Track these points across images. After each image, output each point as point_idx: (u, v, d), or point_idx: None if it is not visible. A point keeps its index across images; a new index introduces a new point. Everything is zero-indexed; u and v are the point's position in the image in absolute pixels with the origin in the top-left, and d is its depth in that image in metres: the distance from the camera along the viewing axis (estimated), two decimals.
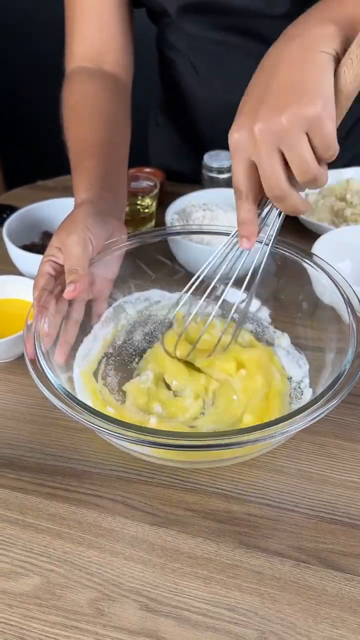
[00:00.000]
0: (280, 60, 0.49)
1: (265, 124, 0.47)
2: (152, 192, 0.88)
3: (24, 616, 0.48)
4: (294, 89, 0.46)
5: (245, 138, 0.49)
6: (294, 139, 0.46)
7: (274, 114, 0.47)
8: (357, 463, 0.59)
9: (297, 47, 0.48)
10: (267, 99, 0.48)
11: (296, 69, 0.47)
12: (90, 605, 0.49)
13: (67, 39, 0.84)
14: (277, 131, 0.47)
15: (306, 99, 0.45)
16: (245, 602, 0.49)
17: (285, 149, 0.47)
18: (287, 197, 0.50)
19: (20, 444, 0.61)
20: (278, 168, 0.48)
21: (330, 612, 0.48)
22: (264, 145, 0.48)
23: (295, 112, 0.46)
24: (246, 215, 0.53)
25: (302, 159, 0.47)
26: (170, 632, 0.47)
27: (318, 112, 0.45)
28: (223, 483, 0.57)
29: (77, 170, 0.71)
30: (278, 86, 0.48)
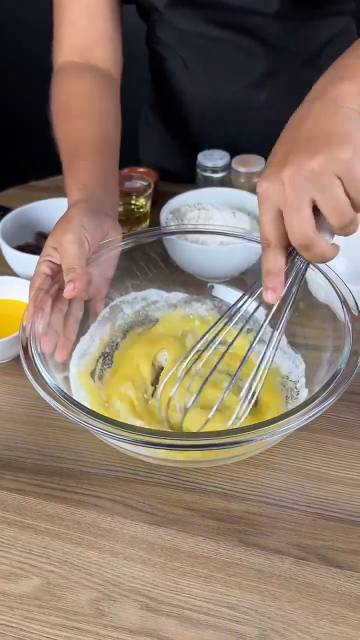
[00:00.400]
0: (306, 116, 0.49)
1: (295, 168, 0.46)
2: (146, 191, 0.88)
3: (24, 617, 0.48)
4: (324, 136, 0.46)
5: (275, 186, 0.48)
6: (327, 182, 0.46)
7: (304, 159, 0.46)
8: (355, 460, 0.59)
9: (322, 103, 0.49)
10: (296, 147, 0.48)
11: (324, 121, 0.48)
12: (91, 605, 0.49)
13: (55, 33, 0.83)
14: (308, 176, 0.46)
15: (337, 145, 0.46)
16: (245, 600, 0.49)
17: (318, 193, 0.46)
18: (315, 244, 0.48)
19: (18, 445, 0.61)
20: (306, 214, 0.47)
21: (330, 609, 0.48)
22: (294, 190, 0.47)
23: (327, 156, 0.45)
24: (274, 265, 0.51)
25: (337, 202, 0.46)
26: (172, 631, 0.47)
27: (349, 156, 0.45)
28: (221, 482, 0.57)
29: (69, 169, 0.71)
30: (307, 136, 0.48)
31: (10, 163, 1.83)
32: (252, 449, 0.53)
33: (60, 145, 0.74)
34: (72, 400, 0.49)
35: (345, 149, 0.45)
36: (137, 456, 0.55)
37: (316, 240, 0.48)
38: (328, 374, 0.52)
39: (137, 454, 0.54)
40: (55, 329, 0.58)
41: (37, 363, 0.52)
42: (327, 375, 0.51)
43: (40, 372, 0.52)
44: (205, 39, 0.88)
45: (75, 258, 0.58)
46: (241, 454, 0.54)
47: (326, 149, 0.45)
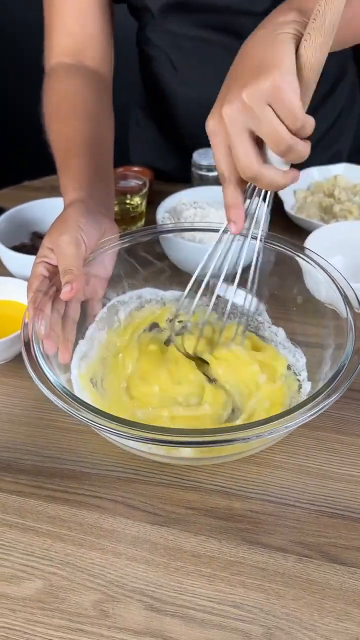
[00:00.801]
0: (246, 48, 0.51)
1: (230, 105, 0.48)
2: (141, 191, 0.88)
3: (27, 620, 0.48)
4: (256, 68, 0.48)
5: (217, 123, 0.50)
6: (257, 111, 0.47)
7: (236, 94, 0.48)
8: (357, 457, 0.59)
9: (262, 34, 0.50)
10: (232, 84, 0.50)
11: (259, 51, 0.49)
12: (94, 607, 0.48)
13: (46, 34, 0.82)
14: (241, 108, 0.48)
15: (264, 72, 0.47)
16: (250, 599, 0.49)
17: (252, 124, 0.48)
18: (262, 175, 0.50)
19: (17, 447, 0.61)
20: (247, 146, 0.49)
21: (334, 606, 0.48)
22: (231, 126, 0.49)
23: (254, 86, 0.47)
24: (232, 199, 0.54)
25: (270, 128, 0.47)
26: (177, 631, 0.47)
27: (275, 81, 0.46)
28: (223, 480, 0.57)
29: (64, 169, 0.70)
30: (242, 70, 0.49)
31: (3, 163, 1.82)
32: (256, 445, 0.53)
33: (53, 146, 0.74)
34: (79, 400, 0.49)
35: (270, 75, 0.46)
36: (141, 454, 0.55)
37: (262, 170, 0.50)
38: (330, 371, 0.52)
39: (143, 452, 0.54)
40: (55, 330, 0.57)
41: (42, 364, 0.52)
42: (329, 372, 0.51)
43: (45, 372, 0.51)
44: (195, 42, 0.88)
45: (72, 259, 0.58)
46: (245, 451, 0.54)
47: (254, 79, 0.47)
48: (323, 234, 0.77)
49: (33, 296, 0.58)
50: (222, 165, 0.53)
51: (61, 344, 0.57)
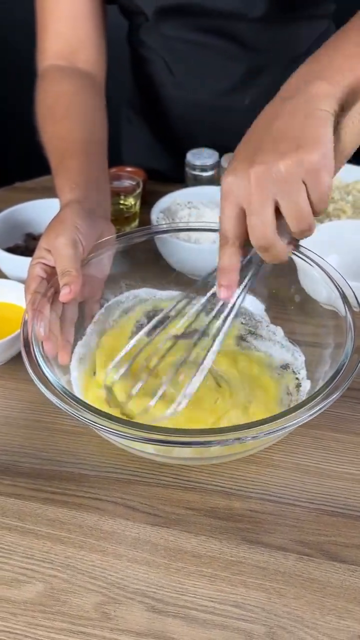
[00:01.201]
0: (278, 114, 0.48)
1: (263, 168, 0.45)
2: (135, 191, 0.87)
3: (28, 624, 0.48)
4: (294, 139, 0.45)
5: (240, 182, 0.47)
6: (292, 186, 0.45)
7: (273, 159, 0.45)
8: (354, 455, 0.59)
9: (295, 104, 0.47)
10: (265, 146, 0.46)
11: (296, 122, 0.46)
12: (96, 609, 0.48)
13: (38, 36, 0.82)
14: (276, 178, 0.45)
15: (307, 148, 0.45)
16: (251, 598, 0.49)
17: (282, 196, 0.46)
18: (273, 247, 0.48)
19: (15, 450, 0.60)
20: (269, 217, 0.46)
21: (336, 604, 0.48)
22: (259, 191, 0.46)
23: (296, 160, 0.44)
24: (229, 262, 0.51)
25: (299, 207, 0.46)
26: (179, 632, 0.47)
27: (318, 161, 0.44)
28: (222, 480, 0.57)
29: (59, 170, 0.70)
30: (277, 135, 0.47)
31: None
32: (257, 445, 0.53)
33: (48, 148, 0.74)
34: (80, 401, 0.49)
35: (313, 154, 0.44)
36: (142, 455, 0.55)
37: (276, 243, 0.48)
38: (330, 370, 0.52)
39: (143, 452, 0.54)
40: (54, 332, 0.57)
41: (42, 365, 0.51)
42: (329, 371, 0.51)
43: (45, 373, 0.51)
44: (190, 45, 0.88)
45: (69, 261, 0.58)
46: (245, 451, 0.54)
47: (295, 153, 0.45)
48: (317, 233, 0.76)
49: (31, 298, 0.58)
50: (228, 226, 0.49)
51: (60, 346, 0.57)
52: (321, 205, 0.46)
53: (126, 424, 0.48)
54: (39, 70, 0.82)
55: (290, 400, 0.59)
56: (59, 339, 0.57)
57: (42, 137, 0.75)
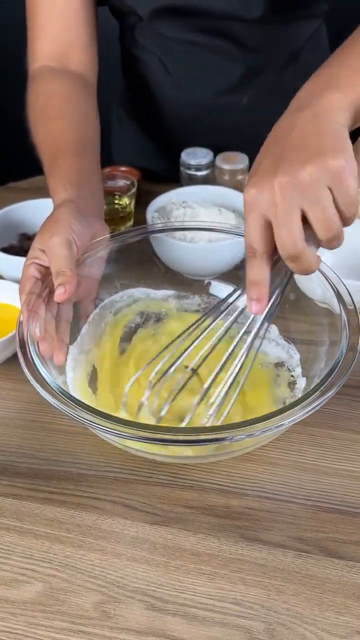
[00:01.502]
0: (295, 125, 0.48)
1: (287, 178, 0.45)
2: (129, 191, 0.87)
3: (28, 624, 0.48)
4: (315, 147, 0.46)
5: (264, 194, 0.46)
6: (318, 193, 0.45)
7: (296, 168, 0.45)
8: (349, 452, 0.60)
9: (311, 116, 0.48)
10: (287, 156, 0.46)
11: (312, 133, 0.47)
12: (96, 608, 0.48)
13: (29, 39, 0.82)
14: (300, 186, 0.45)
15: (329, 155, 0.45)
16: (250, 595, 0.49)
17: (308, 204, 0.45)
18: (303, 256, 0.47)
19: (12, 450, 0.60)
20: (296, 226, 0.46)
21: (334, 600, 0.48)
22: (285, 201, 0.46)
23: (319, 166, 0.44)
24: (259, 276, 0.50)
25: (326, 214, 0.45)
26: (179, 629, 0.47)
27: (342, 165, 0.44)
28: (220, 478, 0.57)
29: (52, 170, 0.70)
30: (297, 144, 0.47)
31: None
32: (255, 442, 0.53)
33: (40, 148, 0.74)
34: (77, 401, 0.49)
35: (337, 159, 0.44)
36: (139, 454, 0.55)
37: (305, 252, 0.47)
38: (325, 368, 0.52)
39: (140, 451, 0.54)
40: (50, 332, 0.57)
41: (38, 366, 0.51)
42: (324, 369, 0.52)
43: (42, 374, 0.51)
44: (187, 45, 0.88)
45: (64, 261, 0.58)
46: (242, 448, 0.54)
47: (318, 159, 0.45)
48: None
49: (26, 298, 0.57)
50: (255, 238, 0.48)
51: (56, 346, 0.57)
52: (350, 210, 0.46)
53: (123, 424, 0.48)
54: (29, 71, 0.82)
55: (285, 398, 0.60)
56: (54, 339, 0.57)
57: (34, 137, 0.75)
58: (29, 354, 0.53)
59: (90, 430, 0.61)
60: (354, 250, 0.79)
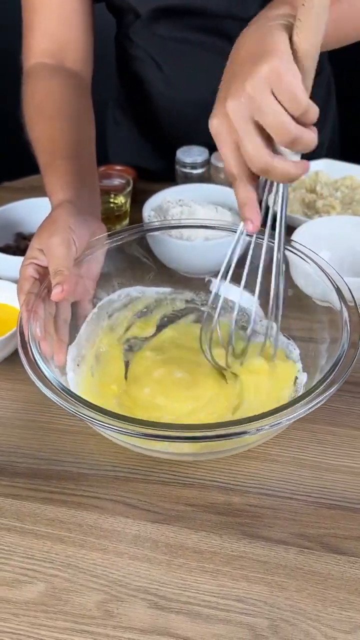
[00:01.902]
0: (240, 44, 0.50)
1: (233, 99, 0.47)
2: (125, 189, 0.87)
3: (31, 624, 0.47)
4: (253, 58, 0.46)
5: (221, 121, 0.49)
6: (260, 100, 0.46)
7: (239, 87, 0.47)
8: (349, 448, 0.60)
9: (255, 28, 0.49)
10: (232, 78, 0.49)
11: (254, 44, 0.48)
12: (99, 607, 0.48)
13: (25, 34, 0.81)
14: (245, 101, 0.46)
15: (263, 59, 0.45)
16: (254, 592, 0.49)
17: (256, 115, 0.46)
18: (273, 166, 0.48)
19: (11, 450, 0.60)
20: (254, 138, 0.47)
21: (337, 595, 0.49)
22: (236, 119, 0.47)
23: (255, 73, 0.45)
24: (244, 196, 0.51)
25: (275, 118, 0.46)
26: (183, 627, 0.47)
27: (274, 65, 0.45)
28: (220, 476, 0.57)
29: (49, 170, 0.70)
30: (240, 64, 0.48)
31: None
32: (256, 439, 0.53)
33: (36, 146, 0.73)
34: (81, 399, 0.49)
35: (269, 60, 0.45)
36: (141, 451, 0.55)
37: (274, 161, 0.48)
38: (327, 364, 0.52)
39: (142, 448, 0.54)
40: (50, 332, 0.57)
41: (41, 365, 0.51)
42: (326, 366, 0.52)
43: (45, 374, 0.51)
44: (183, 44, 0.88)
45: (62, 260, 0.57)
46: (245, 445, 0.54)
47: (254, 68, 0.46)
48: (307, 230, 0.77)
49: (26, 298, 0.57)
50: (230, 162, 0.50)
51: (56, 346, 0.57)
52: (299, 108, 0.46)
53: (128, 421, 0.47)
54: (24, 68, 0.81)
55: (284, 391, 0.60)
56: (54, 339, 0.57)
57: (30, 135, 0.74)
58: (30, 354, 0.52)
59: (90, 430, 0.61)
60: (351, 248, 0.79)
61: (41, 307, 0.57)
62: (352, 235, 0.80)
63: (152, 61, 0.92)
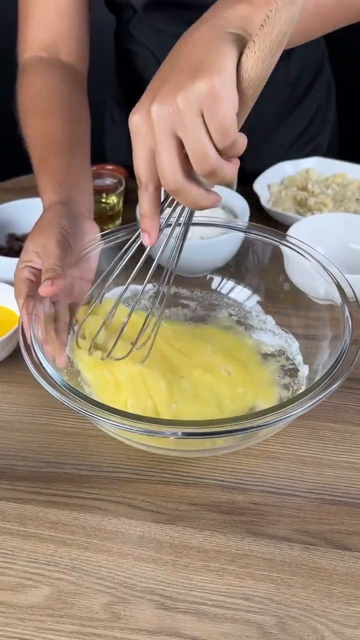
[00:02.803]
0: (187, 41, 0.45)
1: (161, 105, 0.42)
2: (117, 189, 0.87)
3: (37, 628, 0.47)
4: (194, 66, 0.42)
5: (143, 121, 0.44)
6: (188, 119, 0.41)
7: (170, 93, 0.42)
8: (350, 443, 0.60)
9: (206, 28, 0.44)
10: (168, 78, 0.43)
11: (201, 47, 0.43)
12: (105, 610, 0.48)
13: (20, 29, 0.80)
14: (172, 112, 0.42)
15: (203, 74, 0.41)
16: (260, 590, 0.49)
17: (180, 132, 0.42)
18: (184, 189, 0.44)
19: (11, 453, 0.59)
20: (172, 155, 0.43)
21: (343, 591, 0.49)
22: (158, 129, 0.43)
23: (191, 89, 0.41)
24: (146, 207, 0.48)
25: (197, 143, 0.42)
26: (190, 627, 0.47)
27: (212, 87, 0.40)
28: (223, 474, 0.57)
29: (42, 168, 0.69)
30: (181, 65, 0.43)
31: None
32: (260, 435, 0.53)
33: (30, 143, 0.72)
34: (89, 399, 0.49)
35: (209, 79, 0.40)
36: (146, 449, 0.55)
37: (185, 185, 0.44)
38: (329, 360, 0.52)
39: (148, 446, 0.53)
40: (50, 334, 0.56)
41: (46, 367, 0.51)
42: (328, 361, 0.52)
43: (52, 375, 0.50)
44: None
45: (56, 259, 0.57)
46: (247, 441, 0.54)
47: (191, 80, 0.41)
48: (301, 227, 0.78)
49: (26, 302, 0.57)
50: (140, 168, 0.46)
51: (57, 348, 0.56)
52: (225, 140, 0.42)
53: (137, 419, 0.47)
54: (19, 61, 0.80)
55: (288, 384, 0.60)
56: (55, 342, 0.57)
57: (23, 129, 0.73)
58: (34, 356, 0.52)
59: (90, 431, 0.60)
60: (344, 245, 0.80)
61: (41, 310, 0.56)
62: (345, 232, 0.81)
63: (151, 56, 0.91)
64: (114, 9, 0.92)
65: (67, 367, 0.58)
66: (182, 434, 0.47)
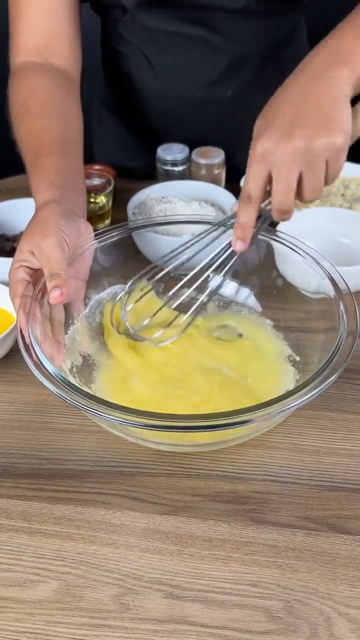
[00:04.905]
0: (307, 92, 0.56)
1: (303, 144, 0.53)
2: (105, 189, 0.87)
3: (47, 622, 0.47)
4: (325, 119, 0.54)
5: (277, 151, 0.54)
6: (319, 163, 0.54)
7: (311, 138, 0.53)
8: (346, 431, 0.61)
9: (326, 87, 0.55)
10: (301, 122, 0.54)
11: (325, 103, 0.55)
12: (114, 601, 0.48)
13: (12, 33, 0.80)
14: (309, 154, 0.53)
15: (335, 131, 0.53)
16: (266, 576, 0.50)
17: (308, 170, 0.54)
18: (291, 211, 0.57)
19: (12, 452, 0.59)
20: (293, 186, 0.55)
21: (347, 574, 0.50)
22: (294, 162, 0.54)
23: (329, 141, 0.53)
24: (247, 220, 0.59)
25: (318, 182, 0.55)
26: (199, 615, 0.47)
27: (341, 144, 0.53)
28: (224, 465, 0.58)
29: (35, 169, 0.69)
30: (311, 113, 0.54)
31: None
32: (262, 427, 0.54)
33: (22, 145, 0.72)
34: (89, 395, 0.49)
35: (340, 138, 0.53)
36: (147, 444, 0.55)
37: (293, 208, 0.57)
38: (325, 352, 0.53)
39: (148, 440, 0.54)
40: (47, 334, 0.57)
41: (47, 366, 0.51)
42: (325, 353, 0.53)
43: (51, 372, 0.51)
44: (172, 37, 0.88)
45: (57, 263, 0.57)
46: (250, 433, 0.55)
47: (327, 135, 0.53)
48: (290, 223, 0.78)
49: (23, 302, 0.57)
50: (253, 187, 0.56)
51: (54, 348, 0.57)
52: (334, 181, 0.56)
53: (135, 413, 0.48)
54: (11, 65, 0.80)
55: None
56: (52, 341, 0.57)
57: (15, 133, 0.73)
58: (34, 355, 0.52)
59: (90, 427, 0.61)
60: (332, 239, 0.81)
61: (38, 310, 0.57)
62: (331, 226, 0.82)
63: (141, 56, 0.92)
64: (100, 11, 0.92)
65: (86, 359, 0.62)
66: (187, 428, 0.48)
